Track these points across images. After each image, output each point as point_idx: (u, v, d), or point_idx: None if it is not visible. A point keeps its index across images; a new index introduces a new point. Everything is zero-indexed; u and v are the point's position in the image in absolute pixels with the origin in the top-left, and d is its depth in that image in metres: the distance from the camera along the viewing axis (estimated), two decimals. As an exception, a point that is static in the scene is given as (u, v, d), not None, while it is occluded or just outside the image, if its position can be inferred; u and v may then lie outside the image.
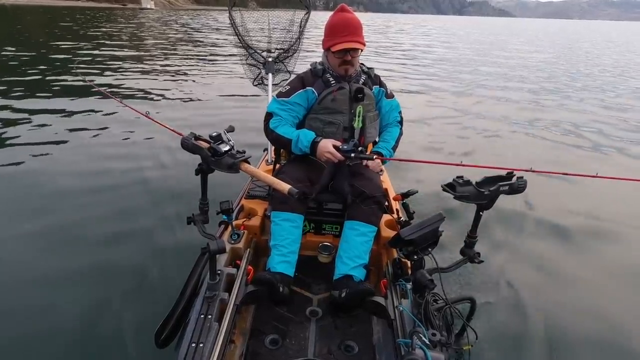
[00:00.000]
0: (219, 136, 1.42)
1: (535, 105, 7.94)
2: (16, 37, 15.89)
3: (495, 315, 2.21)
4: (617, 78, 12.34)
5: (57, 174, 3.70)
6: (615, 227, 3.34)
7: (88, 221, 2.94)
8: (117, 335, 1.92)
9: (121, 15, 45.30)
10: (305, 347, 1.49)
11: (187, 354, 1.22)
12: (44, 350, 1.86)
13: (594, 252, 2.99)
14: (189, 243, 2.30)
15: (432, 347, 1.20)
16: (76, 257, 2.50)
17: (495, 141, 5.57)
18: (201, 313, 1.36)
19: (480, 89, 9.35)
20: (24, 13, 37.30)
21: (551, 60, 16.47)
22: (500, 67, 13.45)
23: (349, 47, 1.78)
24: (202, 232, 1.49)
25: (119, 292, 2.21)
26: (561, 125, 6.52)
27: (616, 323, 2.26)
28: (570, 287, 2.56)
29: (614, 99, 8.96)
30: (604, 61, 17.21)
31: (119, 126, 5.16)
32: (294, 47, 3.04)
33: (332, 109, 1.83)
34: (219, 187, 2.70)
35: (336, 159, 1.69)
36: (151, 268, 2.42)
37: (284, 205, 1.72)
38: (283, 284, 1.61)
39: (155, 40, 17.57)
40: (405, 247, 1.50)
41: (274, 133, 1.84)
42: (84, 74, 6.93)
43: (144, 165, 4.00)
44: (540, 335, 2.12)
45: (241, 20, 3.03)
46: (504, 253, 2.82)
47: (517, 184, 1.44)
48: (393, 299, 1.50)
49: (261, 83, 2.99)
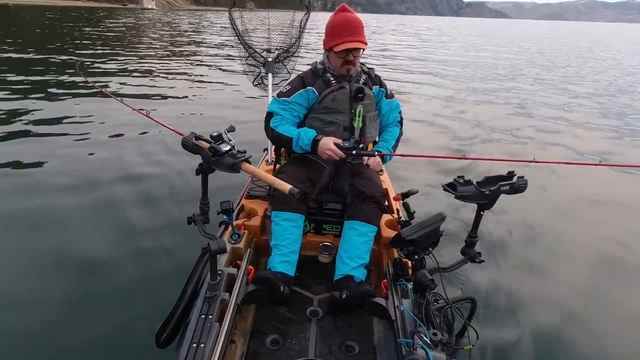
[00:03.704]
0: (219, 136, 1.41)
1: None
2: (15, 36, 15.88)
3: (496, 315, 2.21)
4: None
5: (56, 174, 3.70)
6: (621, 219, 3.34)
7: (87, 221, 2.94)
8: (118, 336, 1.92)
9: (123, 14, 45.35)
10: (305, 347, 1.49)
11: (187, 354, 1.22)
12: (44, 351, 1.86)
13: (598, 249, 2.98)
14: (190, 243, 2.30)
15: (433, 347, 1.20)
16: (75, 258, 2.50)
17: (500, 134, 5.64)
18: (202, 313, 1.36)
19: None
20: (26, 11, 37.31)
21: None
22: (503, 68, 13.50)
23: (351, 47, 1.78)
24: (203, 232, 1.49)
25: (119, 292, 2.21)
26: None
27: (618, 323, 2.26)
28: (571, 287, 2.56)
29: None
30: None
31: (118, 126, 5.16)
32: (293, 47, 3.05)
33: (332, 108, 1.83)
34: (220, 187, 2.71)
35: (337, 156, 1.69)
36: (151, 268, 2.42)
37: (285, 205, 1.72)
38: (284, 283, 1.61)
39: (156, 40, 17.58)
40: (406, 247, 1.50)
41: (274, 132, 1.84)
42: (85, 74, 6.94)
43: (144, 165, 4.00)
44: (541, 335, 2.12)
45: (241, 21, 3.03)
46: (505, 253, 2.82)
47: (518, 184, 1.43)
48: (394, 299, 1.50)
49: (261, 83, 2.99)
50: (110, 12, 51.36)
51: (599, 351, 2.07)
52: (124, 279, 2.33)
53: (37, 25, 24.21)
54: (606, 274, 2.72)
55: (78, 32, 19.66)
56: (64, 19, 30.96)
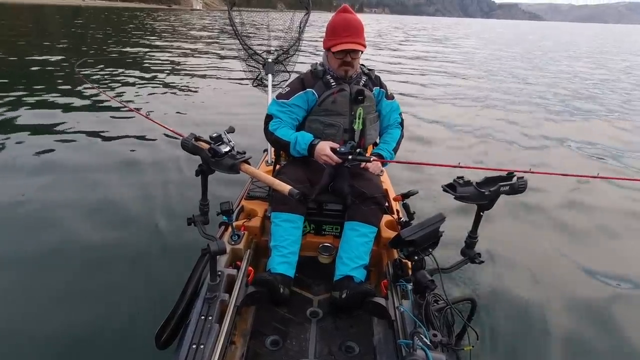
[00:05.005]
0: (219, 137, 1.41)
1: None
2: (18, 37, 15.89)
3: (495, 315, 2.21)
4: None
5: (55, 174, 3.70)
6: (617, 226, 3.33)
7: (87, 222, 2.93)
8: (117, 337, 1.92)
9: (173, 14, 44.25)
10: (305, 348, 1.49)
11: (187, 355, 1.22)
12: (44, 351, 1.86)
13: (596, 252, 2.98)
14: (189, 244, 2.29)
15: (433, 347, 1.20)
16: (74, 258, 2.50)
17: (496, 142, 5.59)
18: (201, 314, 1.36)
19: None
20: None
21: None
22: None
23: (348, 49, 1.78)
24: (203, 233, 1.49)
25: (119, 292, 2.21)
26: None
27: (620, 324, 2.26)
28: (571, 287, 2.55)
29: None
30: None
31: (118, 127, 5.15)
32: (293, 48, 3.05)
33: (332, 110, 1.83)
34: (219, 188, 2.71)
35: (333, 161, 1.69)
36: (151, 269, 2.42)
37: (284, 206, 1.72)
38: (283, 285, 1.61)
39: (157, 40, 17.58)
40: (406, 248, 1.50)
41: (273, 135, 1.84)
42: (85, 75, 6.94)
43: (143, 166, 3.99)
44: (541, 336, 2.13)
45: (241, 21, 3.03)
46: (505, 253, 2.82)
47: (517, 184, 1.43)
48: (394, 300, 1.50)
49: (261, 84, 2.99)
50: (165, 13, 50.65)
51: (599, 351, 2.07)
52: (123, 279, 2.33)
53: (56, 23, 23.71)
54: (606, 274, 2.72)
55: (83, 33, 19.65)
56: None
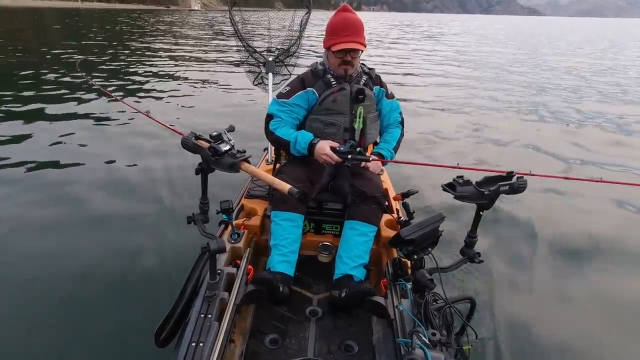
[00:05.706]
0: (219, 136, 1.41)
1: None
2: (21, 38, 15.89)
3: (494, 315, 2.21)
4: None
5: (54, 173, 3.71)
6: (616, 234, 3.32)
7: (86, 221, 2.94)
8: (117, 335, 1.92)
9: (172, 14, 44.11)
10: (305, 347, 1.49)
11: (187, 353, 1.22)
12: (44, 351, 1.86)
13: (596, 252, 2.98)
14: (189, 242, 2.30)
15: (432, 346, 1.20)
16: (74, 257, 2.50)
17: (495, 143, 5.57)
18: (201, 312, 1.36)
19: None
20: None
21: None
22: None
23: (348, 48, 1.77)
24: (202, 231, 1.49)
25: (118, 291, 2.21)
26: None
27: (620, 324, 2.26)
28: (571, 287, 2.56)
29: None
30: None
31: (118, 125, 5.16)
32: (294, 47, 3.05)
33: (332, 110, 1.83)
34: (219, 187, 2.71)
35: (333, 160, 1.69)
36: (151, 267, 2.42)
37: (284, 204, 1.72)
38: (283, 283, 1.61)
39: (156, 40, 17.58)
40: (405, 247, 1.50)
41: (273, 135, 1.84)
42: (86, 72, 6.95)
43: (144, 164, 4.00)
44: (540, 335, 2.12)
45: (241, 20, 3.03)
46: (504, 253, 2.82)
47: (517, 184, 1.43)
48: (393, 299, 1.50)
49: (261, 83, 2.99)
50: (164, 13, 50.44)
51: (599, 351, 2.08)
52: (123, 277, 2.33)
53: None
54: (606, 274, 2.72)
55: (85, 34, 19.61)
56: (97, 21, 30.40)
